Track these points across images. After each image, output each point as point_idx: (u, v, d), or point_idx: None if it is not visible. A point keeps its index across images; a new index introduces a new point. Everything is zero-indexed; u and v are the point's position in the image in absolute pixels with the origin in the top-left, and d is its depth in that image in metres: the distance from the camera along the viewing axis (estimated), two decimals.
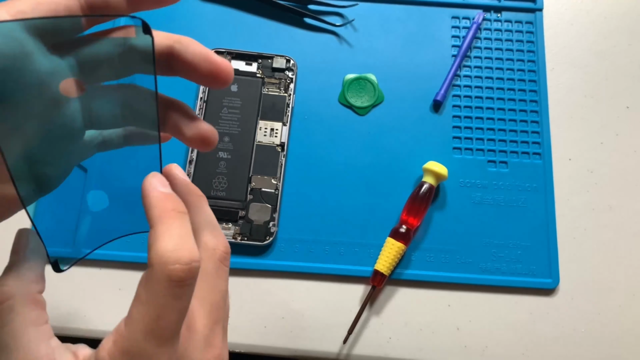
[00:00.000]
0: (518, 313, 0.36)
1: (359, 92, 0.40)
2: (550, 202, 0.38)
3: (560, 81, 0.41)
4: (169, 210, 0.19)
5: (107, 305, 0.36)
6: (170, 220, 0.19)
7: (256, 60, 0.40)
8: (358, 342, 0.35)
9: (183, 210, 0.20)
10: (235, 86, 0.39)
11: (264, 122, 0.38)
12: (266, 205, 0.36)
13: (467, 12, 0.43)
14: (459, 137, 0.39)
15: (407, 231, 0.35)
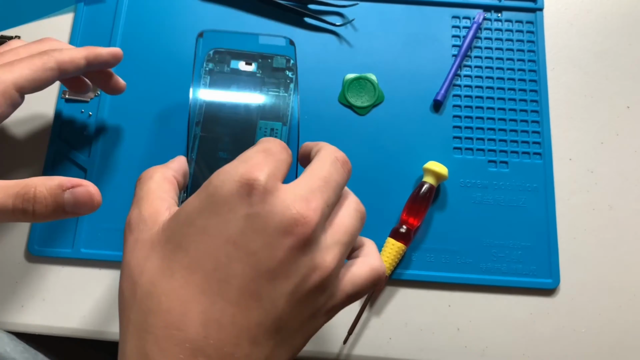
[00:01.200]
0: (518, 313, 0.36)
1: (359, 92, 0.40)
2: (550, 202, 0.38)
3: (561, 81, 0.41)
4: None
5: (107, 305, 0.36)
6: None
7: (256, 60, 0.39)
8: (358, 342, 0.35)
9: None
10: (236, 86, 0.39)
11: (264, 122, 0.38)
12: None
13: (468, 12, 0.43)
14: (459, 137, 0.39)
15: (407, 231, 0.35)
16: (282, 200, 0.21)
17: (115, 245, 0.36)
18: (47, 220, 0.26)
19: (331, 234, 0.23)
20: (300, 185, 0.22)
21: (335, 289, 0.23)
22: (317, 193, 0.22)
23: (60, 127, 0.39)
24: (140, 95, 0.40)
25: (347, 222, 0.24)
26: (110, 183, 0.38)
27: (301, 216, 0.21)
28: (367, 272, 0.24)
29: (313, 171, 0.24)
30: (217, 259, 0.20)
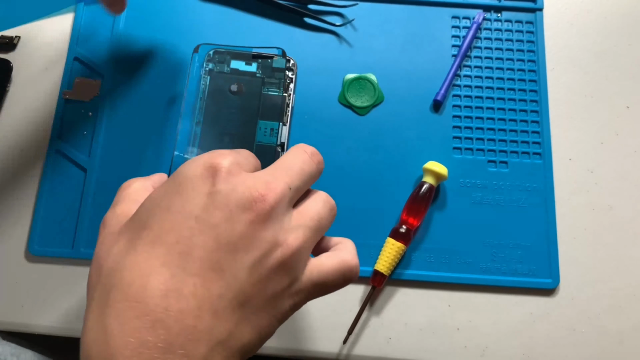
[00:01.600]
0: (518, 313, 0.36)
1: (359, 92, 0.40)
2: (550, 202, 0.38)
3: (561, 81, 0.41)
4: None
5: None
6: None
7: (256, 60, 0.39)
8: (358, 342, 0.35)
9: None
10: (235, 86, 0.39)
11: (263, 122, 0.38)
12: None
13: (467, 12, 0.43)
14: (459, 137, 0.39)
15: (407, 231, 0.35)
16: (243, 181, 0.22)
17: None
18: None
19: (296, 218, 0.24)
20: (263, 172, 0.24)
21: (298, 272, 0.23)
22: (279, 176, 0.23)
23: (60, 127, 0.39)
24: (140, 95, 0.40)
25: (313, 209, 0.25)
26: (110, 183, 0.38)
27: (260, 194, 0.22)
28: (336, 262, 0.25)
29: (278, 161, 0.25)
30: (179, 233, 0.21)
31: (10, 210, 0.37)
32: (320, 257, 0.25)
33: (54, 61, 0.41)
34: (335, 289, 0.25)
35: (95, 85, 0.40)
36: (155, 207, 0.22)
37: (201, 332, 0.20)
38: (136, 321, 0.19)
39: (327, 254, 0.25)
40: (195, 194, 0.22)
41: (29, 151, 0.39)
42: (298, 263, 0.23)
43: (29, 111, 0.40)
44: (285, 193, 0.23)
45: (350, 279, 0.25)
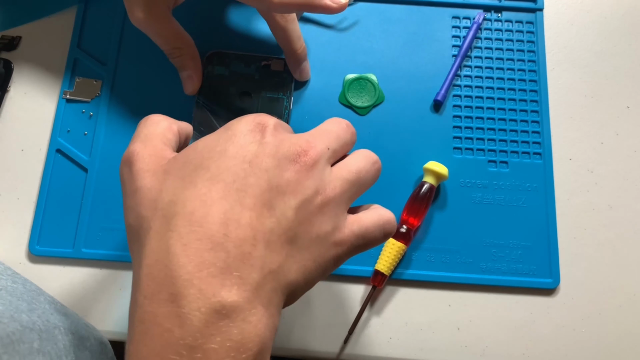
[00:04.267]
0: (518, 313, 0.36)
1: (360, 92, 0.40)
2: (550, 202, 0.38)
3: (561, 81, 0.41)
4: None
5: (107, 305, 0.36)
6: None
7: (255, 63, 0.39)
8: (358, 342, 0.35)
9: None
10: (235, 89, 0.39)
11: None
12: None
13: (467, 12, 0.43)
14: (459, 137, 0.39)
15: (407, 231, 0.35)
16: (289, 138, 0.25)
17: (115, 245, 0.36)
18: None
19: (335, 172, 0.26)
20: (305, 133, 0.26)
21: (339, 221, 0.25)
22: (319, 138, 0.26)
23: (60, 127, 0.39)
24: (140, 95, 0.40)
25: (352, 163, 0.27)
26: (110, 183, 0.38)
27: (302, 149, 0.25)
28: (375, 216, 0.27)
29: (318, 127, 0.27)
30: (235, 174, 0.23)
31: (10, 210, 0.37)
32: (359, 214, 0.27)
33: (55, 61, 0.41)
34: (375, 242, 0.27)
35: (96, 86, 0.40)
36: (211, 151, 0.24)
37: (256, 258, 0.22)
38: (198, 243, 0.21)
39: (365, 210, 0.27)
40: (248, 142, 0.24)
41: (29, 151, 0.39)
42: (337, 212, 0.25)
43: (30, 111, 0.40)
44: (324, 151, 0.25)
45: (389, 231, 0.27)
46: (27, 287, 0.32)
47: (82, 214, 0.37)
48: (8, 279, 0.32)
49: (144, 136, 0.27)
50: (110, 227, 0.37)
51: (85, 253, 0.36)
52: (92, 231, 0.37)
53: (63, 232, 0.37)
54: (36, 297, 0.31)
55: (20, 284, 0.32)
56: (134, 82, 0.40)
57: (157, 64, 0.40)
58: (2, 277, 0.31)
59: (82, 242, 0.36)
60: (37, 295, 0.32)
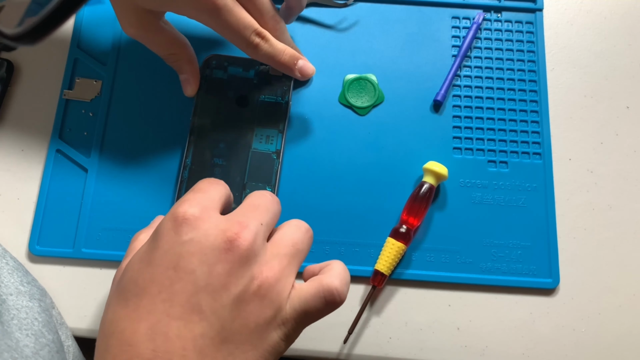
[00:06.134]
0: (518, 313, 0.36)
1: (359, 92, 0.40)
2: (550, 202, 0.38)
3: (560, 81, 0.41)
4: None
5: None
6: None
7: (254, 66, 0.39)
8: (358, 342, 0.35)
9: None
10: (232, 92, 0.39)
11: (260, 129, 0.38)
12: None
13: (467, 12, 0.43)
14: (459, 137, 0.39)
15: (407, 231, 0.35)
16: (216, 225, 0.24)
17: (115, 245, 0.36)
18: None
19: (270, 249, 0.25)
20: (233, 213, 0.25)
21: (279, 300, 0.24)
22: (250, 215, 0.25)
23: (60, 127, 0.39)
24: (140, 95, 0.40)
25: (286, 237, 0.26)
26: (110, 183, 0.38)
27: (235, 234, 0.23)
28: (315, 287, 0.25)
29: (244, 203, 0.27)
30: (161, 284, 0.23)
31: (11, 210, 0.37)
32: (301, 284, 0.25)
33: (55, 61, 0.41)
34: (319, 314, 0.25)
35: (96, 86, 0.40)
36: (139, 263, 0.24)
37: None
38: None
39: (310, 279, 0.26)
40: (170, 245, 0.23)
41: (29, 151, 0.39)
42: (278, 292, 0.24)
43: (30, 111, 0.40)
44: (258, 228, 0.24)
45: (333, 302, 0.25)
46: (42, 306, 0.32)
47: (82, 214, 0.37)
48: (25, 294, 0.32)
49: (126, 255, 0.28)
50: (110, 227, 0.37)
51: (85, 253, 0.36)
52: (92, 231, 0.37)
53: (63, 232, 0.37)
54: (47, 325, 0.31)
55: (36, 302, 0.32)
56: (134, 82, 0.40)
57: (156, 64, 0.40)
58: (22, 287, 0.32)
59: (82, 242, 0.36)
60: (49, 317, 0.32)
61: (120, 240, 0.37)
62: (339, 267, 0.27)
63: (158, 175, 0.38)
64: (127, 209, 0.37)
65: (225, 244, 0.23)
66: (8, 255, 0.33)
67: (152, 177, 0.38)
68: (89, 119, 0.39)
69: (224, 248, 0.23)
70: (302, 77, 0.38)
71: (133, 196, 0.37)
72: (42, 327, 0.30)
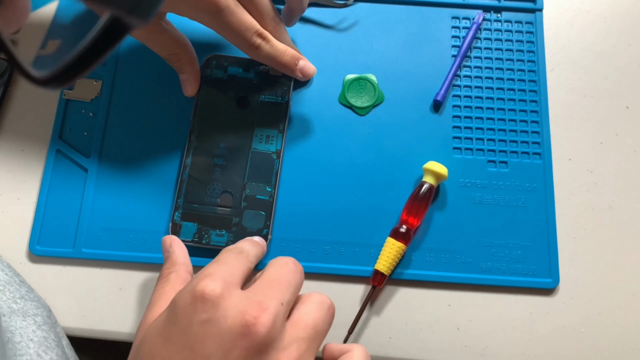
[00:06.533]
0: (518, 313, 0.36)
1: (359, 92, 0.40)
2: (550, 202, 0.38)
3: (560, 81, 0.41)
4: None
5: (107, 305, 0.36)
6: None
7: (254, 67, 0.39)
8: (358, 342, 0.35)
9: None
10: (232, 93, 0.39)
11: (260, 130, 0.38)
12: (260, 213, 0.36)
13: (467, 13, 0.43)
14: (459, 137, 0.39)
15: (407, 231, 0.36)
16: (235, 305, 0.23)
17: (116, 245, 0.36)
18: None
19: (289, 332, 0.24)
20: (253, 290, 0.24)
21: None
22: (271, 294, 0.24)
23: (61, 127, 0.39)
24: (141, 95, 0.40)
25: (307, 317, 0.25)
26: (111, 183, 0.38)
27: (253, 317, 0.22)
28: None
29: (266, 276, 0.25)
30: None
31: (11, 210, 0.37)
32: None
33: None
34: None
35: (96, 86, 0.40)
36: (157, 337, 0.23)
37: None
38: None
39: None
40: (188, 323, 0.23)
41: (30, 151, 0.39)
42: None
43: (30, 111, 0.40)
44: (279, 310, 0.23)
45: None
46: (38, 321, 0.31)
47: (82, 214, 0.37)
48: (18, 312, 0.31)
49: (153, 301, 0.28)
50: (111, 227, 0.37)
51: (85, 253, 0.36)
52: (92, 231, 0.37)
53: (63, 232, 0.37)
54: (44, 343, 0.30)
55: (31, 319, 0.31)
56: (134, 82, 0.40)
57: (157, 65, 0.40)
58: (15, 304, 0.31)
59: (82, 242, 0.36)
60: (48, 331, 0.32)
61: (120, 240, 0.37)
62: (361, 354, 0.26)
63: (158, 175, 0.38)
64: (127, 209, 0.37)
65: (243, 328, 0.22)
66: (1, 265, 0.33)
67: (152, 177, 0.38)
68: (89, 119, 0.39)
69: (241, 333, 0.22)
70: (303, 77, 0.38)
71: (133, 196, 0.37)
72: (38, 348, 0.29)
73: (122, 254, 0.36)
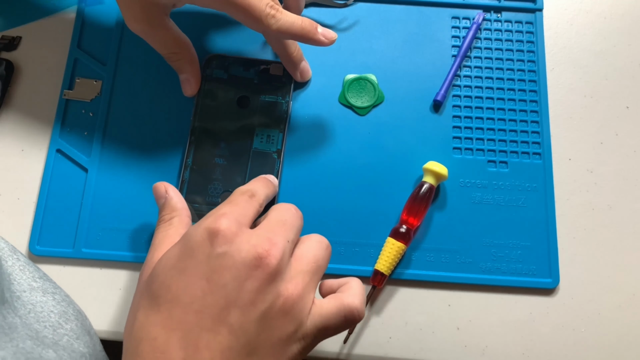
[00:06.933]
0: (518, 313, 0.36)
1: (359, 92, 0.40)
2: (550, 202, 0.38)
3: (560, 81, 0.41)
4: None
5: (107, 305, 0.36)
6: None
7: (254, 66, 0.39)
8: (358, 342, 0.35)
9: None
10: (233, 92, 0.39)
11: (260, 129, 0.38)
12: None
13: (467, 13, 0.43)
14: (459, 137, 0.39)
15: (407, 231, 0.36)
16: (247, 240, 0.25)
17: (115, 245, 0.36)
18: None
19: (294, 266, 0.26)
20: (262, 228, 0.26)
21: (302, 316, 0.25)
22: (278, 232, 0.26)
23: (61, 127, 0.39)
24: (140, 95, 0.40)
25: (309, 254, 0.27)
26: (111, 183, 0.38)
27: (265, 251, 0.25)
28: (337, 306, 0.27)
29: (271, 217, 0.28)
30: (193, 294, 0.24)
31: (11, 210, 0.37)
32: (322, 301, 0.27)
33: (55, 61, 0.41)
34: (338, 331, 0.27)
35: (96, 86, 0.40)
36: (172, 269, 0.25)
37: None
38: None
39: (330, 296, 0.28)
40: (205, 257, 0.25)
41: (30, 151, 0.39)
42: (301, 309, 0.25)
43: (30, 111, 0.40)
44: (285, 246, 0.26)
45: (353, 320, 0.27)
46: (57, 299, 0.32)
47: (82, 214, 0.37)
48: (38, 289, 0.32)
49: (155, 245, 0.29)
50: (111, 227, 0.37)
51: (85, 253, 0.36)
52: (92, 231, 0.37)
53: (63, 232, 0.37)
54: (64, 315, 0.32)
55: (50, 296, 0.32)
56: (134, 82, 0.40)
57: (157, 64, 0.40)
58: (35, 282, 0.32)
59: (82, 242, 0.36)
60: (67, 307, 0.32)
61: (120, 240, 0.37)
62: (357, 287, 0.28)
63: (159, 175, 0.38)
64: (127, 209, 0.37)
65: (256, 260, 0.24)
66: (18, 252, 0.33)
67: (153, 177, 0.38)
68: (89, 119, 0.39)
69: (254, 264, 0.24)
70: (302, 78, 0.38)
71: (133, 196, 0.37)
72: (59, 318, 0.31)
73: (122, 254, 0.36)
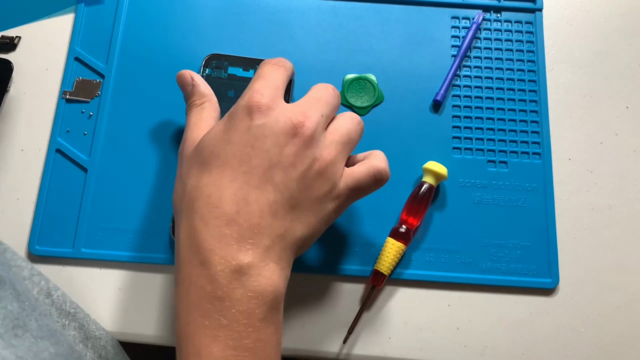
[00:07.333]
0: (518, 313, 0.36)
1: (359, 92, 0.40)
2: (550, 202, 0.38)
3: (560, 81, 0.41)
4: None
5: (107, 305, 0.36)
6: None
7: (254, 66, 0.39)
8: (358, 342, 0.35)
9: None
10: (232, 92, 0.39)
11: None
12: None
13: (467, 12, 0.43)
14: (458, 137, 0.39)
15: (407, 231, 0.36)
16: (284, 112, 0.28)
17: (115, 245, 0.36)
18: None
19: (328, 137, 0.29)
20: (298, 104, 0.29)
21: (335, 178, 0.29)
22: (313, 106, 0.29)
23: (60, 127, 0.39)
24: (140, 95, 0.40)
25: (341, 127, 0.30)
26: (110, 183, 0.38)
27: (300, 122, 0.28)
28: (366, 167, 0.30)
29: (309, 95, 0.31)
30: (241, 158, 0.27)
31: (10, 210, 0.37)
32: (353, 167, 0.30)
33: (55, 61, 0.41)
34: (369, 190, 0.31)
35: (96, 85, 0.40)
36: (219, 140, 0.28)
37: (264, 227, 0.27)
38: (216, 221, 0.26)
39: (359, 163, 0.31)
40: (247, 128, 0.28)
41: (29, 151, 0.39)
42: (334, 172, 0.29)
43: (30, 111, 0.40)
44: (319, 120, 0.29)
45: (381, 180, 0.31)
46: (57, 304, 0.34)
47: (82, 214, 0.37)
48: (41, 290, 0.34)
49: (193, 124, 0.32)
50: (111, 227, 0.37)
51: (85, 253, 0.36)
52: (92, 231, 0.37)
53: (63, 232, 0.37)
54: (64, 322, 0.34)
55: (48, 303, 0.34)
56: (134, 82, 0.40)
57: (156, 64, 0.40)
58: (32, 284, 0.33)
59: (82, 242, 0.36)
60: (67, 316, 0.34)
61: (120, 240, 0.37)
62: (381, 154, 0.32)
63: (158, 175, 0.38)
64: (127, 208, 0.37)
65: (293, 129, 0.28)
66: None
67: (152, 177, 0.38)
68: (89, 119, 0.39)
69: (291, 133, 0.28)
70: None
71: (133, 196, 0.37)
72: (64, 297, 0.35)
73: (122, 254, 0.36)
